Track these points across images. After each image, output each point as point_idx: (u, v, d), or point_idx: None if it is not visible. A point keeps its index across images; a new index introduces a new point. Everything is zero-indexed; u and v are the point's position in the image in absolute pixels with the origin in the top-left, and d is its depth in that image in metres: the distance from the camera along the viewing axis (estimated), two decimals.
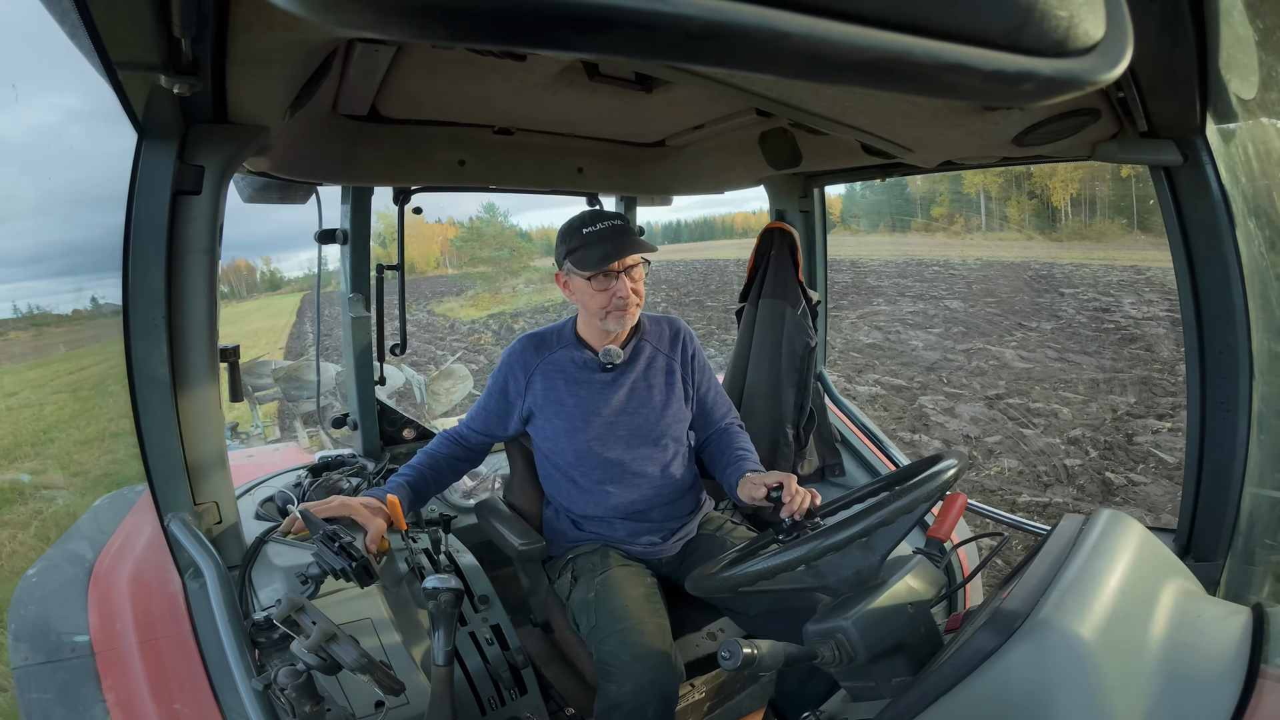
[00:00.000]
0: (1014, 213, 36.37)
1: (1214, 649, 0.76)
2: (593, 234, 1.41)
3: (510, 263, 32.66)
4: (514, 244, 35.77)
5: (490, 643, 1.43)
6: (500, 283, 29.26)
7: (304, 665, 0.95)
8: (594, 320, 1.49)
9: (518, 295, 25.03)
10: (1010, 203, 36.49)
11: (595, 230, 1.41)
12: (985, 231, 36.36)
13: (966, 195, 38.62)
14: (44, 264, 55.53)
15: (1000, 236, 33.90)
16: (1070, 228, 31.92)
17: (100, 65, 0.80)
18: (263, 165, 1.37)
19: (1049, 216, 34.67)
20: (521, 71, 1.31)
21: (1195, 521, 1.29)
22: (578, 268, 1.42)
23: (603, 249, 1.39)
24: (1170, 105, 1.05)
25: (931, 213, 42.24)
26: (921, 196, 41.77)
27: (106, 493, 1.59)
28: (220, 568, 1.09)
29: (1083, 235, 29.07)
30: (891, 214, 43.24)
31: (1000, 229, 36.07)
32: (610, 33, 0.19)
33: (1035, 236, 31.53)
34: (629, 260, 1.42)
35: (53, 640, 1.10)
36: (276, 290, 73.05)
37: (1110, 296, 13.20)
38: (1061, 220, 33.83)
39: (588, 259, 1.40)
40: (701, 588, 1.12)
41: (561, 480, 1.56)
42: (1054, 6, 0.22)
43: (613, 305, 1.44)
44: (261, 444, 4.87)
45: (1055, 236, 30.78)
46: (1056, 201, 34.32)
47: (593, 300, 1.44)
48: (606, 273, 1.41)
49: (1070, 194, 32.99)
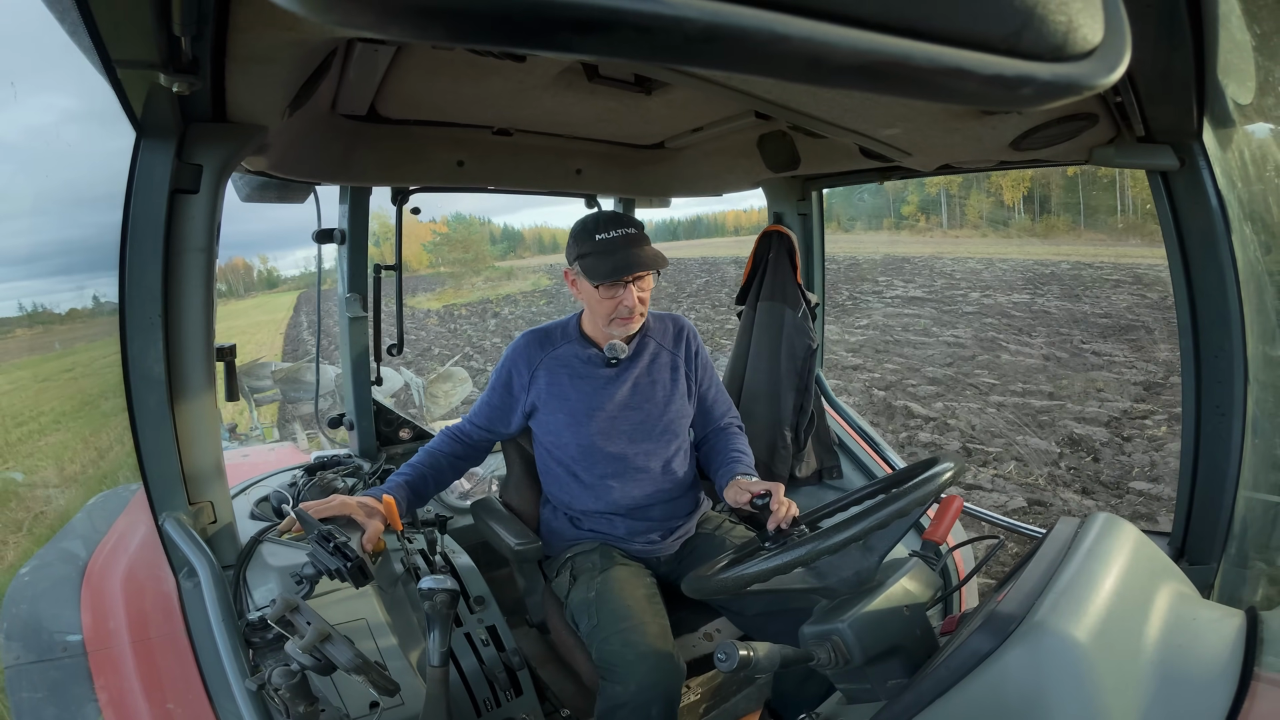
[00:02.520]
0: (972, 211, 37.46)
1: (1208, 652, 0.76)
2: (605, 242, 1.40)
3: (475, 263, 37.98)
4: (478, 248, 41.15)
5: (486, 644, 1.43)
6: (464, 280, 34.03)
7: (298, 665, 0.95)
8: (599, 322, 1.50)
9: (474, 290, 30.09)
10: (968, 202, 37.55)
11: (608, 238, 1.40)
12: (945, 229, 37.60)
13: (930, 195, 39.60)
14: (40, 263, 55.04)
15: (957, 234, 35.12)
16: (1020, 224, 33.24)
17: (100, 63, 0.80)
18: (261, 164, 1.37)
19: (1002, 214, 35.92)
20: (521, 73, 1.31)
21: (1190, 525, 1.29)
22: (586, 276, 1.42)
23: (613, 261, 1.39)
24: (1167, 110, 1.05)
25: (902, 211, 43.20)
26: (895, 196, 42.47)
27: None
28: (215, 567, 1.08)
29: (1031, 232, 30.57)
30: (867, 213, 44.24)
31: (960, 226, 37.24)
32: (610, 34, 0.19)
33: (989, 233, 32.85)
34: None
35: (45, 639, 1.09)
36: (274, 289, 73.60)
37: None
38: (1015, 218, 34.99)
39: (597, 269, 1.40)
40: (698, 589, 1.12)
41: (563, 475, 1.56)
42: (1052, 11, 0.22)
43: (618, 314, 1.45)
44: (259, 444, 4.86)
45: (1006, 233, 32.10)
46: (1008, 200, 35.62)
47: (600, 306, 1.46)
48: (615, 283, 1.42)
49: (1021, 193, 34.24)
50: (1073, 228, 29.57)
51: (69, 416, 9.47)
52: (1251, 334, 1.17)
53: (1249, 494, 1.23)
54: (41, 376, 12.74)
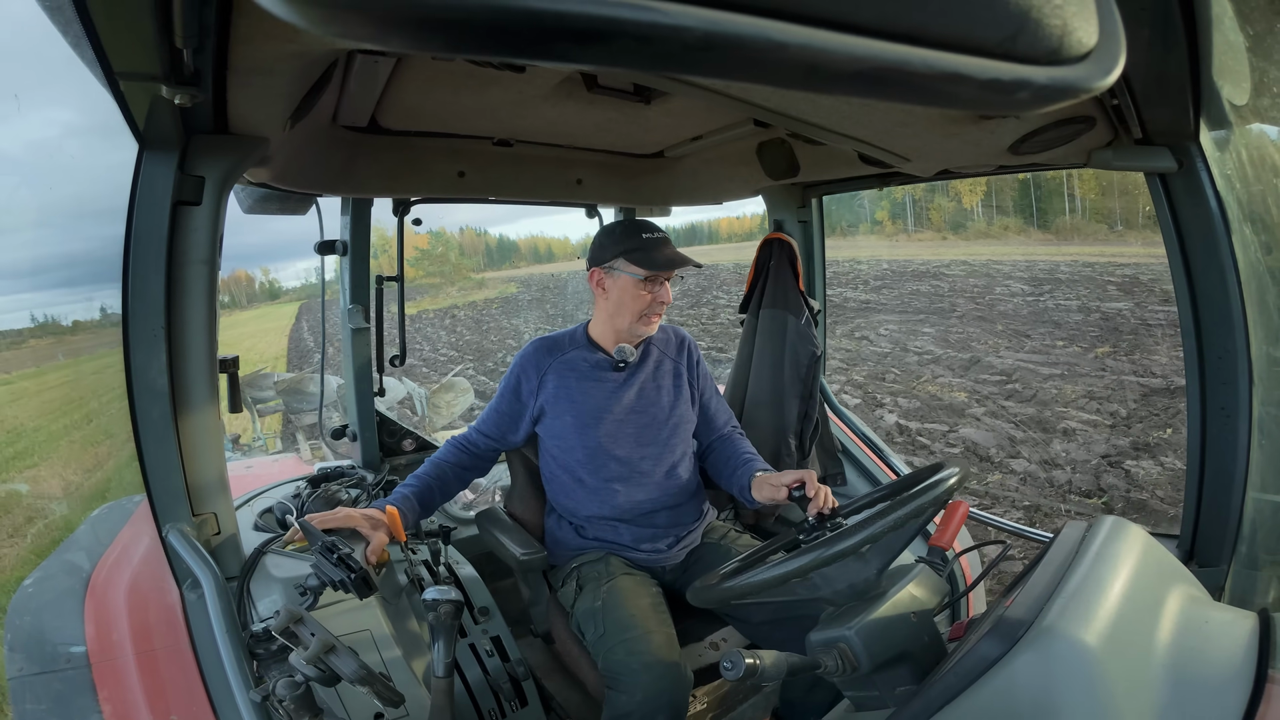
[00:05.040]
0: (935, 215, 38.54)
1: (1220, 655, 0.75)
2: (651, 240, 1.48)
3: (452, 275, 45.01)
4: (455, 262, 49.48)
5: (490, 654, 1.42)
6: (441, 290, 40.47)
7: (302, 677, 0.94)
8: (621, 322, 1.53)
9: (447, 298, 35.85)
10: (932, 206, 38.70)
11: (654, 238, 1.49)
12: (910, 232, 38.82)
13: (898, 201, 40.78)
14: (43, 275, 55.42)
15: (920, 237, 36.26)
16: (977, 227, 34.47)
17: (102, 76, 0.81)
18: (263, 176, 1.37)
19: (962, 218, 37.10)
20: (521, 83, 1.32)
21: (1198, 527, 1.28)
22: (638, 266, 1.46)
23: (664, 254, 1.47)
24: (1164, 112, 1.06)
25: (876, 216, 44.23)
26: (870, 201, 43.27)
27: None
28: (219, 579, 1.08)
29: (986, 234, 32.04)
30: (844, 220, 45.15)
31: (923, 229, 38.36)
32: (609, 44, 0.19)
33: (949, 236, 34.08)
34: (680, 269, 1.51)
35: (49, 650, 1.09)
36: (276, 299, 74.65)
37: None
38: (974, 220, 36.01)
39: (651, 260, 1.46)
40: (702, 598, 1.12)
41: (568, 480, 1.57)
42: (1047, 15, 0.22)
43: (651, 309, 1.51)
44: (263, 455, 4.86)
45: (965, 235, 33.33)
46: (966, 204, 36.94)
47: (636, 302, 1.50)
48: (656, 277, 1.48)
49: (979, 197, 35.58)
50: (1024, 229, 31.45)
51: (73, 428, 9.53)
52: (1255, 335, 1.16)
53: (1257, 495, 1.22)
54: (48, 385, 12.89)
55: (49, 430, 10.34)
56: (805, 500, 1.30)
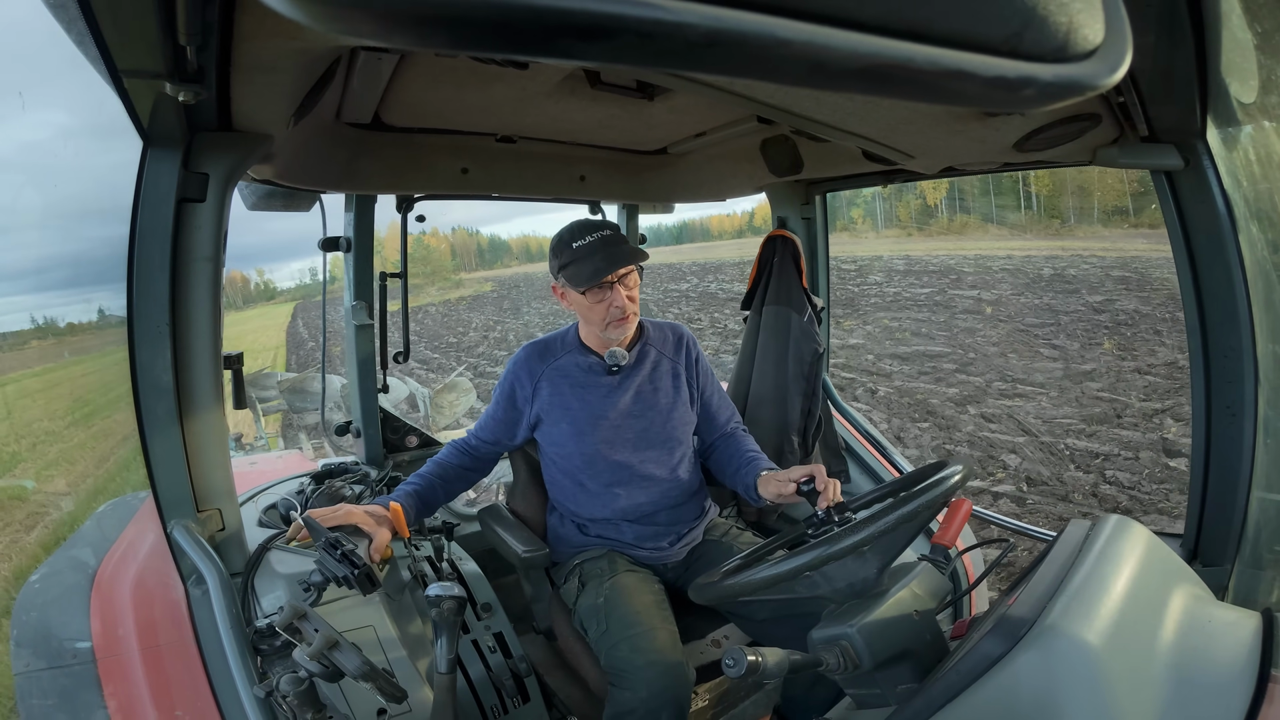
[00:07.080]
0: (903, 212, 39.08)
1: (1224, 654, 0.75)
2: (582, 248, 1.41)
3: (433, 275, 48.87)
4: (436, 263, 54.72)
5: (493, 650, 1.42)
6: (422, 290, 42.75)
7: (306, 673, 0.95)
8: (593, 330, 1.50)
9: (426, 296, 37.75)
10: (900, 203, 39.49)
11: (585, 244, 1.41)
12: (878, 230, 39.29)
13: (869, 200, 41.37)
14: (46, 275, 55.58)
15: (888, 234, 36.88)
16: (939, 224, 34.95)
17: (106, 73, 0.81)
18: (267, 173, 1.38)
19: (926, 214, 37.61)
20: (524, 80, 1.32)
21: (1202, 527, 1.28)
22: (571, 284, 1.42)
23: (593, 264, 1.39)
24: (1170, 110, 1.05)
25: (852, 214, 44.48)
26: (847, 200, 43.56)
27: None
28: (223, 575, 1.08)
29: (947, 230, 32.76)
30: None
31: (891, 226, 38.88)
32: (612, 41, 0.19)
33: (914, 233, 34.69)
34: (621, 270, 1.42)
35: (54, 646, 1.10)
36: (272, 300, 75.77)
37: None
38: (937, 217, 36.55)
39: (579, 275, 1.40)
40: (704, 596, 1.12)
41: (569, 485, 1.56)
42: (1053, 12, 0.22)
43: (610, 316, 1.45)
44: (265, 453, 4.87)
45: (929, 231, 33.95)
46: (930, 201, 37.33)
47: (591, 313, 1.45)
48: (600, 285, 1.41)
49: (942, 194, 36.07)
50: (982, 225, 32.22)
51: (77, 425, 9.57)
52: (1261, 333, 1.16)
53: (1262, 494, 1.21)
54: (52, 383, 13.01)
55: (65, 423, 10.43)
56: (814, 495, 1.29)
